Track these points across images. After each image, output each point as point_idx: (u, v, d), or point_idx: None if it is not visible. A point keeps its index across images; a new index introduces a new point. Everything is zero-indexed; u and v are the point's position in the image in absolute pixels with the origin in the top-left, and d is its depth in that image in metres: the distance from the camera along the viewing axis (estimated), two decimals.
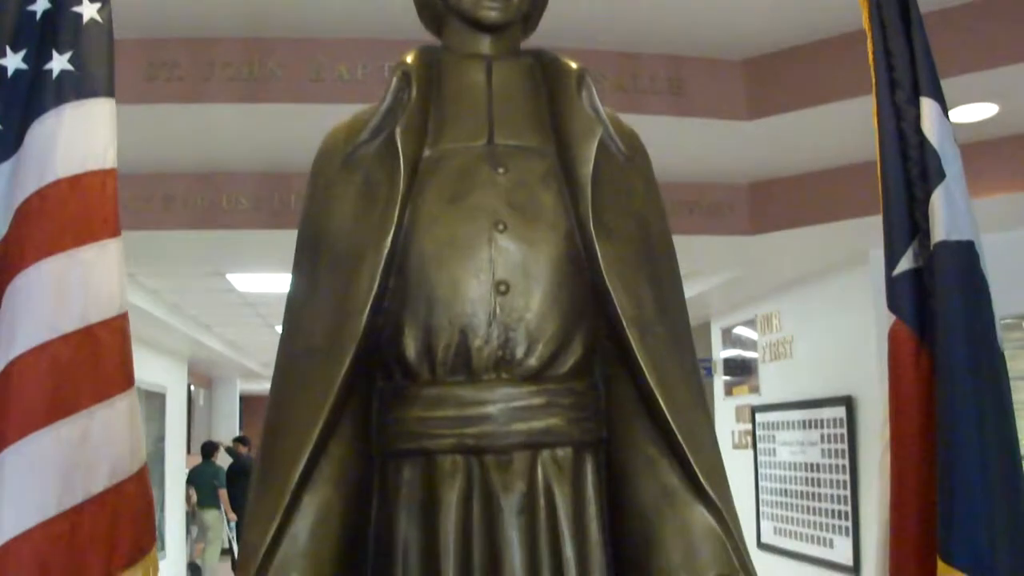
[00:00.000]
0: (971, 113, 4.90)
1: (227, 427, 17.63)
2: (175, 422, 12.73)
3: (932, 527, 2.43)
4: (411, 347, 1.82)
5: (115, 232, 2.22)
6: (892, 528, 2.55)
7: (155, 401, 11.15)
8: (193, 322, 10.64)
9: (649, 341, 1.80)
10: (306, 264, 1.93)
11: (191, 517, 13.67)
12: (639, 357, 1.77)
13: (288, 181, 5.71)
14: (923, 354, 2.54)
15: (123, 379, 2.18)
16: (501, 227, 1.82)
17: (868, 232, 4.09)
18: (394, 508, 1.82)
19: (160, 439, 11.70)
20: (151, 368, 10.79)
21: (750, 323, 8.70)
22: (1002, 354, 2.56)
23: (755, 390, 8.61)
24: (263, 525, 1.73)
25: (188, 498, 13.49)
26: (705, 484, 1.76)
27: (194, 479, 13.52)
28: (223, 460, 14.21)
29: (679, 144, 5.17)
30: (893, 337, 2.58)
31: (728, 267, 7.06)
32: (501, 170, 1.87)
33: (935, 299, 2.51)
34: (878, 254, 2.72)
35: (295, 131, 2.35)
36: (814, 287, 7.46)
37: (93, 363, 2.13)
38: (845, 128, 4.80)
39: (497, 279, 1.81)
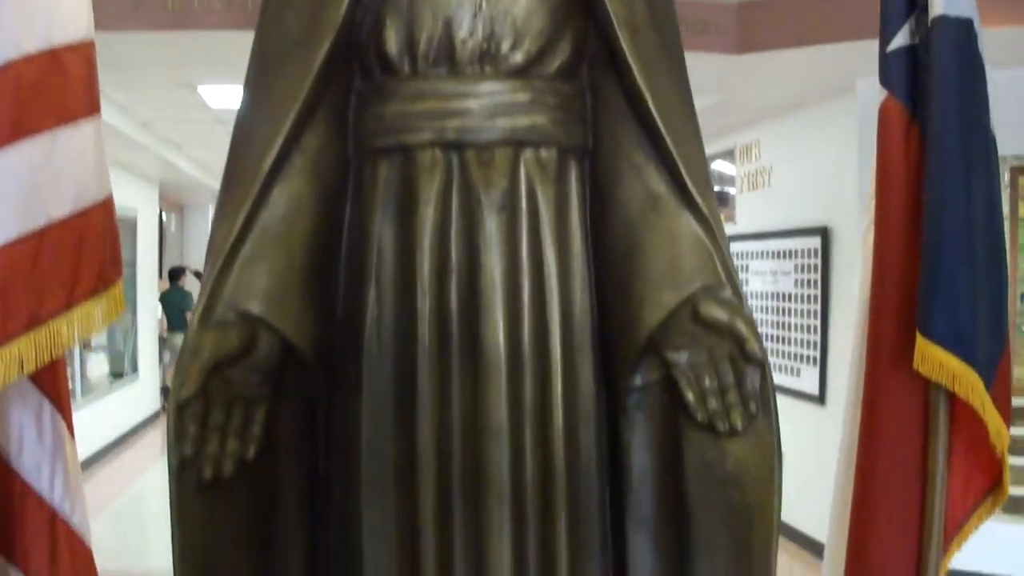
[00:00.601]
0: None
1: (199, 254, 17.26)
2: (147, 247, 12.61)
3: (913, 303, 2.41)
4: (392, 40, 1.75)
5: None
6: (872, 304, 2.53)
7: (126, 226, 11.02)
8: (164, 141, 10.43)
9: (640, 43, 1.74)
10: None
11: (162, 342, 13.71)
12: (628, 56, 1.71)
13: None
14: (913, 130, 2.49)
15: (88, 104, 2.09)
16: None
17: (857, 60, 3.99)
18: (370, 205, 1.77)
19: (131, 264, 11.61)
20: (121, 190, 10.47)
21: (729, 154, 8.62)
22: (994, 139, 2.52)
23: (731, 219, 8.58)
24: (231, 217, 1.68)
25: (160, 323, 13.52)
26: (693, 191, 1.72)
27: (162, 303, 13.51)
28: (191, 284, 14.15)
29: None
30: (883, 112, 2.53)
31: (712, 88, 6.93)
32: None
33: (930, 75, 2.45)
34: (865, 84, 2.65)
35: None
36: (797, 117, 7.36)
37: (58, 85, 2.03)
38: None
39: None
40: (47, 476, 2.14)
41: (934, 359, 2.35)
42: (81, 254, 2.05)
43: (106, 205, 2.12)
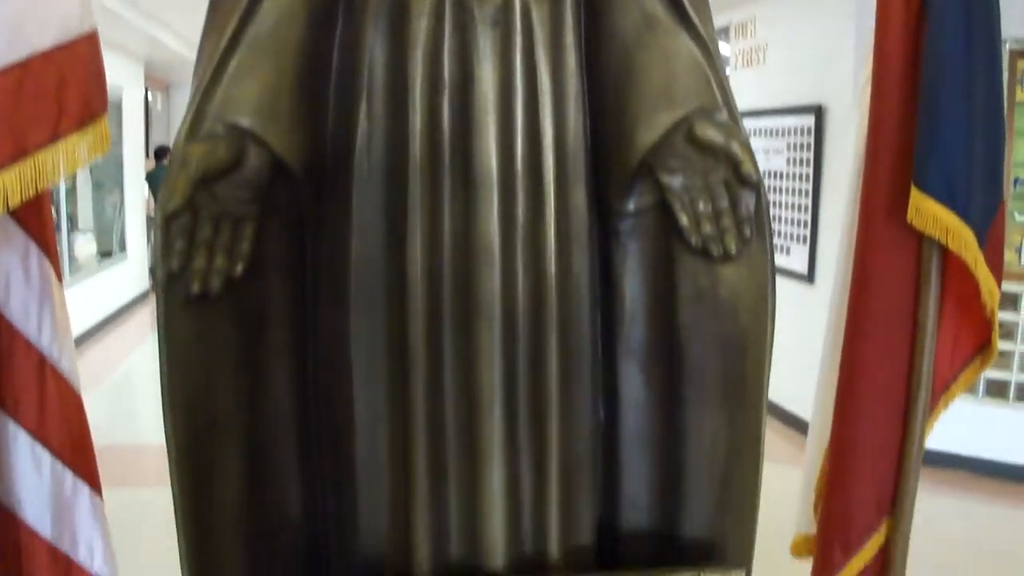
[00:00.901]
0: None
1: None
2: (132, 126, 12.46)
3: (909, 156, 2.38)
4: None
5: None
6: (867, 158, 2.49)
7: (111, 105, 10.80)
8: (149, 16, 10.23)
9: None
10: None
11: (150, 221, 13.64)
12: None
13: None
14: None
15: None
16: None
17: None
18: (361, 21, 1.71)
19: (117, 143, 11.47)
20: (106, 69, 10.40)
21: (724, 31, 8.48)
22: (997, 4, 2.46)
23: None
24: (219, 30, 1.63)
25: (147, 202, 13.43)
26: (690, 11, 1.67)
27: (148, 183, 13.41)
28: None
29: None
30: None
31: None
32: None
33: None
34: None
35: None
36: None
37: None
38: None
39: None
40: (35, 320, 2.10)
41: (928, 212, 2.32)
42: (66, 87, 1.99)
43: (91, 38, 2.06)
